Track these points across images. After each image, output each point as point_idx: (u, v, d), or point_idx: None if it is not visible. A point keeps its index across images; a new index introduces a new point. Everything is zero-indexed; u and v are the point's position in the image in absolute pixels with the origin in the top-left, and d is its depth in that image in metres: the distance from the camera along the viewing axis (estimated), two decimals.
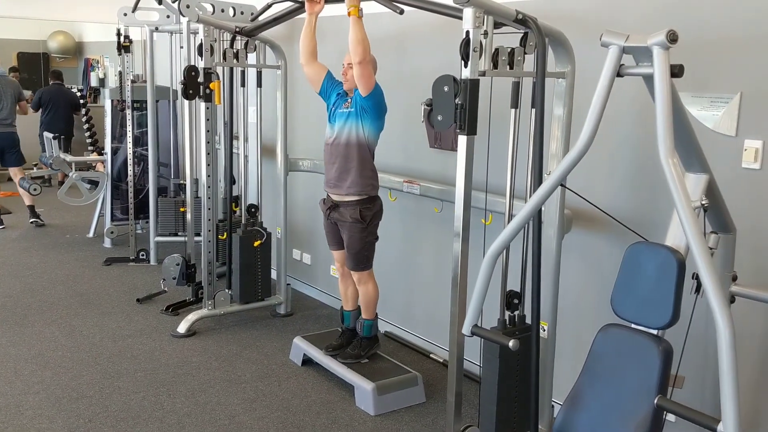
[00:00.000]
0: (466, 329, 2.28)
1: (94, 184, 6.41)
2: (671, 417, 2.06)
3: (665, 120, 1.84)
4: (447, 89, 2.52)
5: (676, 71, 1.89)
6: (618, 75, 1.97)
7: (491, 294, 2.32)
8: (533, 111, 2.62)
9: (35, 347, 4.11)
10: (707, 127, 2.70)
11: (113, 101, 6.30)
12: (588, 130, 1.98)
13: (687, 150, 2.15)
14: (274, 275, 4.84)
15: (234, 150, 4.88)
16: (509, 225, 2.20)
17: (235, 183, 4.92)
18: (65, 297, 5.02)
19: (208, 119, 4.28)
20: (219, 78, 4.23)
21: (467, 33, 2.45)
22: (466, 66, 2.48)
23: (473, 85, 2.49)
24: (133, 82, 6.03)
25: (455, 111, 2.51)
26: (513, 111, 2.77)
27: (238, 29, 4.23)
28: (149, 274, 5.58)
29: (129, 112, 5.94)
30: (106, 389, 3.59)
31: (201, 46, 4.09)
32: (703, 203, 2.11)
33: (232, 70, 4.84)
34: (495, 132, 2.90)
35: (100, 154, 6.72)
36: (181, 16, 4.17)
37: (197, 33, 4.12)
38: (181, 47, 5.01)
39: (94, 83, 11.47)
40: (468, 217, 2.68)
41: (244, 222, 4.60)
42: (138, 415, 3.33)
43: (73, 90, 9.55)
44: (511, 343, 2.26)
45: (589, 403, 2.03)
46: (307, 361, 3.90)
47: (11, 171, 7.46)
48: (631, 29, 1.98)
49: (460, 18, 2.51)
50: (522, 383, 2.74)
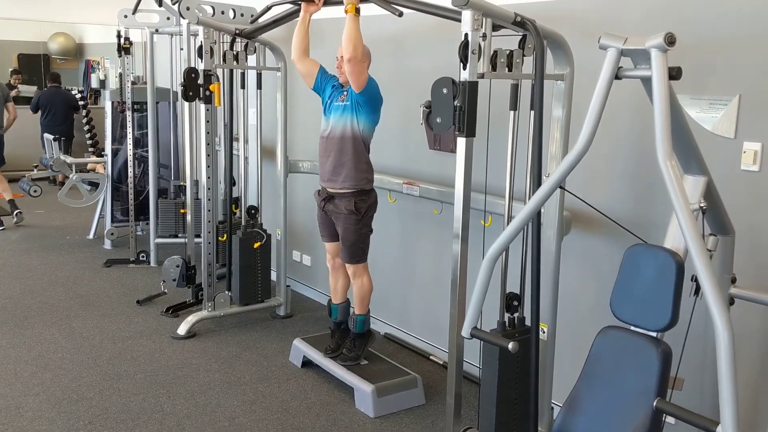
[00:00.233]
0: (465, 331, 2.28)
1: (94, 185, 6.41)
2: (670, 419, 2.07)
3: (663, 122, 1.84)
4: (446, 91, 2.52)
5: (674, 74, 1.89)
6: (616, 77, 1.98)
7: (491, 296, 2.32)
8: (532, 113, 2.63)
9: (35, 349, 4.11)
10: (706, 130, 2.70)
11: (113, 103, 6.30)
12: (587, 132, 1.99)
13: (685, 152, 2.15)
14: (273, 277, 4.84)
15: (234, 152, 4.89)
16: (509, 227, 2.21)
17: (235, 185, 4.92)
18: (65, 299, 5.03)
19: (208, 121, 4.28)
20: (219, 80, 4.24)
21: (466, 35, 2.46)
22: (464, 68, 2.48)
23: (472, 88, 2.49)
24: (134, 83, 6.04)
25: (454, 113, 2.51)
26: (512, 113, 2.77)
27: (237, 31, 4.23)
28: (149, 275, 5.58)
29: (129, 113, 5.95)
30: (105, 391, 3.59)
31: (201, 48, 4.10)
32: (702, 205, 2.11)
33: (232, 72, 4.84)
34: (494, 134, 2.90)
35: (99, 155, 6.73)
36: (181, 18, 4.18)
37: (197, 35, 4.13)
38: (181, 49, 5.01)
39: (94, 85, 11.48)
40: (467, 219, 2.68)
41: (244, 224, 4.60)
42: (138, 417, 3.34)
43: (73, 91, 9.57)
44: (511, 346, 2.26)
45: (589, 405, 2.03)
46: (307, 363, 3.90)
47: None
48: (630, 32, 1.99)
49: (458, 20, 2.52)
50: (521, 385, 2.74)
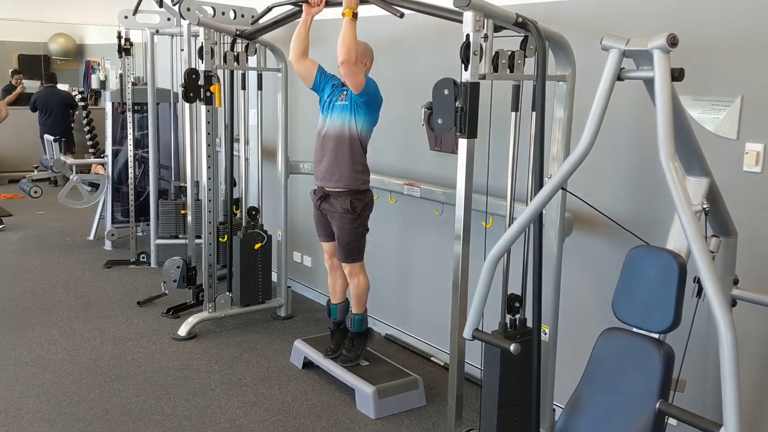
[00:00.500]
0: (467, 333, 2.28)
1: (94, 186, 6.41)
2: (672, 421, 2.06)
3: (666, 123, 1.84)
4: (447, 92, 2.52)
5: (676, 75, 1.89)
6: (618, 79, 1.97)
7: (492, 297, 2.31)
8: (534, 114, 2.62)
9: (35, 350, 4.11)
10: (708, 131, 2.69)
11: (114, 104, 6.30)
12: (589, 133, 1.98)
13: (688, 153, 2.14)
14: (274, 278, 4.84)
15: (235, 152, 4.88)
16: (510, 228, 2.20)
17: (236, 185, 4.92)
18: (65, 300, 5.02)
19: (208, 122, 4.28)
20: (219, 81, 4.23)
21: (467, 36, 2.46)
22: (466, 69, 2.48)
23: (473, 89, 2.49)
24: (134, 84, 6.03)
25: (455, 114, 2.51)
26: (513, 114, 2.77)
27: (238, 32, 4.23)
28: (150, 276, 5.57)
29: (130, 114, 5.94)
30: (106, 392, 3.59)
31: (201, 48, 4.09)
32: (704, 207, 2.11)
33: (232, 72, 4.84)
34: (495, 135, 2.90)
35: (99, 156, 6.72)
36: (182, 18, 4.17)
37: (198, 36, 4.13)
38: (182, 50, 5.01)
39: (95, 85, 11.48)
40: (469, 220, 2.68)
41: (244, 225, 4.60)
42: (138, 419, 3.33)
43: (73, 92, 9.57)
44: (513, 347, 2.26)
45: (591, 407, 2.03)
46: (308, 364, 3.89)
47: None
48: (632, 33, 1.98)
49: (460, 21, 2.52)
50: (523, 387, 2.74)
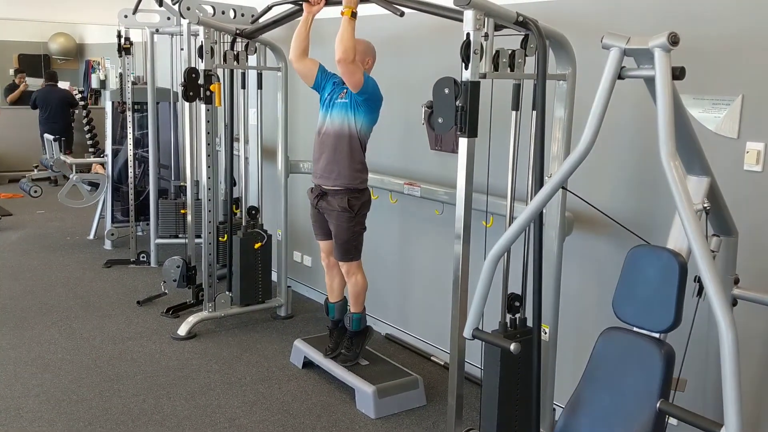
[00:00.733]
0: (467, 332, 2.27)
1: (94, 186, 6.40)
2: (673, 421, 2.06)
3: (667, 122, 1.83)
4: (447, 91, 2.51)
5: (677, 74, 1.88)
6: (619, 77, 1.97)
7: (492, 297, 2.31)
8: (534, 113, 2.62)
9: (35, 350, 4.10)
10: (709, 130, 2.69)
11: (114, 103, 6.29)
12: (589, 132, 1.98)
13: (689, 152, 2.14)
14: (274, 277, 4.83)
15: (234, 152, 4.88)
16: (510, 227, 2.19)
17: (236, 185, 4.92)
18: (65, 299, 5.02)
19: (208, 121, 4.28)
20: (219, 80, 4.23)
21: (468, 35, 2.45)
22: (466, 68, 2.48)
23: (474, 88, 2.48)
24: (134, 83, 6.03)
25: (456, 113, 2.50)
26: (514, 113, 2.76)
27: (238, 31, 4.22)
28: (150, 276, 5.57)
29: (129, 113, 5.94)
30: (105, 392, 3.58)
31: (201, 48, 4.09)
32: (705, 206, 2.10)
33: (232, 72, 4.83)
34: (496, 134, 2.90)
35: (99, 156, 6.72)
36: (182, 18, 4.17)
37: (198, 35, 4.12)
38: (182, 49, 5.00)
39: (95, 85, 11.47)
40: (469, 220, 2.67)
41: (244, 224, 4.60)
42: (138, 418, 3.33)
43: (73, 90, 9.57)
44: (513, 347, 2.25)
45: (591, 407, 2.02)
46: (308, 364, 3.89)
47: None
48: (633, 31, 1.98)
49: (460, 20, 2.51)
50: (523, 386, 2.73)
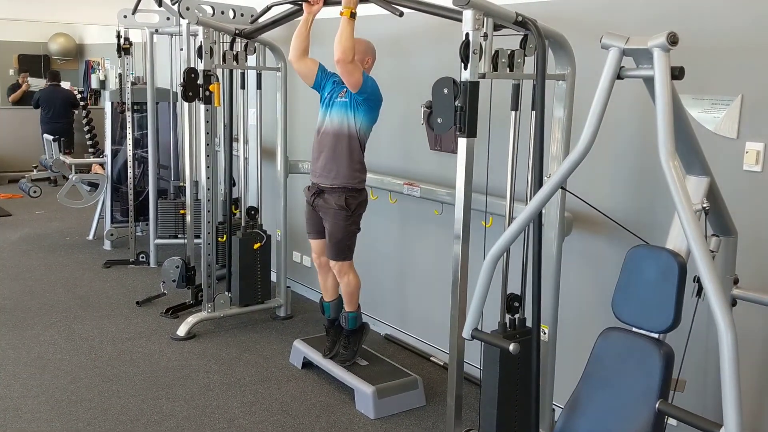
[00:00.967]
0: (466, 333, 2.27)
1: (93, 186, 6.40)
2: (672, 421, 2.05)
3: (666, 122, 1.83)
4: (447, 91, 2.51)
5: (676, 73, 1.88)
6: (618, 77, 1.96)
7: (492, 297, 2.30)
8: (533, 113, 2.61)
9: (34, 350, 4.10)
10: (708, 130, 2.69)
11: (113, 103, 6.29)
12: (588, 132, 1.97)
13: (688, 152, 2.14)
14: (273, 278, 4.83)
15: (234, 152, 4.87)
16: (510, 228, 2.19)
17: (235, 185, 4.91)
18: (65, 300, 5.01)
19: (207, 121, 4.27)
20: (219, 80, 4.23)
21: (467, 35, 2.45)
22: (465, 68, 2.47)
23: (473, 88, 2.48)
24: (134, 84, 6.02)
25: (455, 113, 2.50)
26: (513, 113, 2.76)
27: (237, 31, 4.22)
28: (149, 276, 5.57)
29: (129, 114, 5.94)
30: (105, 392, 3.58)
31: (200, 48, 4.08)
32: (704, 206, 2.10)
33: (231, 72, 4.83)
34: (495, 134, 2.89)
35: (99, 156, 6.72)
36: (181, 18, 4.17)
37: (197, 35, 4.11)
38: (181, 49, 5.00)
39: (94, 85, 11.48)
40: (468, 220, 2.67)
41: (243, 224, 4.59)
42: (137, 419, 3.32)
43: (74, 90, 9.58)
44: (512, 347, 2.25)
45: (590, 407, 2.02)
46: (307, 364, 3.89)
47: None
48: (632, 31, 1.97)
49: (459, 20, 2.51)
50: (523, 387, 2.73)
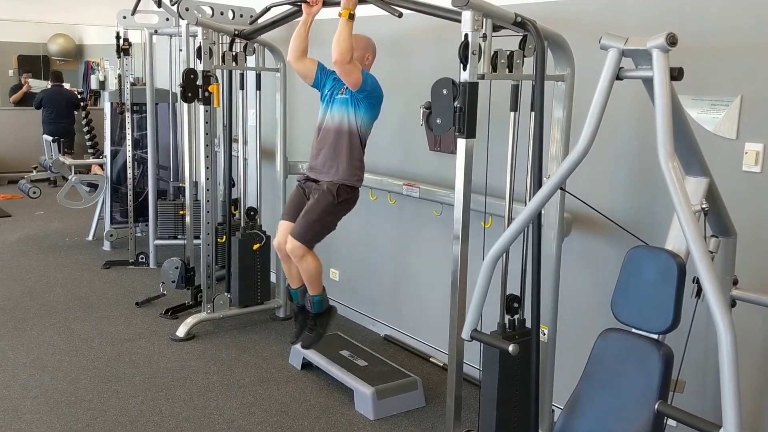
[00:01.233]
0: (465, 333, 2.27)
1: (93, 187, 6.40)
2: (672, 422, 2.05)
3: (665, 123, 1.83)
4: (446, 92, 2.51)
5: (675, 74, 1.88)
6: (617, 78, 1.96)
7: (491, 298, 2.30)
8: (532, 114, 2.61)
9: (33, 351, 4.10)
10: (707, 130, 2.69)
11: (113, 104, 6.29)
12: (587, 133, 1.97)
13: (687, 153, 2.14)
14: (273, 278, 4.83)
15: (233, 153, 4.87)
16: (509, 228, 2.19)
17: (235, 186, 4.91)
18: (64, 300, 5.01)
19: (207, 122, 4.27)
20: (218, 81, 4.23)
21: (466, 36, 2.45)
22: (464, 69, 2.47)
23: (472, 88, 2.48)
24: (133, 84, 6.02)
25: (454, 114, 2.50)
26: (512, 114, 2.76)
27: (237, 32, 4.22)
28: (148, 277, 5.56)
29: (128, 114, 5.93)
30: (104, 393, 3.58)
31: (200, 49, 4.08)
32: (704, 207, 2.10)
33: (231, 72, 4.83)
34: (494, 135, 2.89)
35: (98, 157, 6.72)
36: (180, 19, 4.16)
37: (196, 36, 4.11)
38: (180, 50, 5.01)
39: (94, 86, 11.48)
40: (467, 220, 2.67)
41: (243, 225, 4.59)
42: (136, 420, 3.32)
43: (74, 91, 9.59)
44: (511, 348, 2.25)
45: (589, 408, 2.02)
46: (307, 365, 3.88)
47: None
48: (631, 32, 1.97)
49: (458, 21, 2.51)
50: (522, 387, 2.73)
